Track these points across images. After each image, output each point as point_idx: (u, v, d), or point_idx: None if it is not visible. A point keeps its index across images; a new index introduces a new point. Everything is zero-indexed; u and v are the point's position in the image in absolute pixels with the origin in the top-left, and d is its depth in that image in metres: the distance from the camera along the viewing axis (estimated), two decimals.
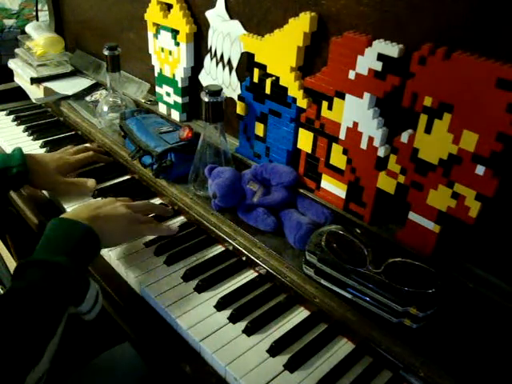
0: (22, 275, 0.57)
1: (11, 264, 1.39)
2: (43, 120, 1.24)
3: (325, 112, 0.72)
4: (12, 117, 1.23)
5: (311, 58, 0.74)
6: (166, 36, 0.99)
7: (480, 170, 0.56)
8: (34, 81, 1.27)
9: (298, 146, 0.79)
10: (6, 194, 0.89)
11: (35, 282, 0.56)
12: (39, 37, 1.35)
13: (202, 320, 0.64)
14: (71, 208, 0.85)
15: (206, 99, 0.78)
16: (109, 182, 0.95)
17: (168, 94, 1.05)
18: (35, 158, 0.88)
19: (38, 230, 0.87)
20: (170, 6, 0.96)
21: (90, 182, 0.91)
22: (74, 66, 1.36)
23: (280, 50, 0.75)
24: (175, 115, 1.05)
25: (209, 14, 0.90)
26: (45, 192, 0.93)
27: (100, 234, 0.67)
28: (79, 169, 0.96)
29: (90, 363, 0.81)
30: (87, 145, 1.05)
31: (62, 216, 0.68)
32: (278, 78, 0.77)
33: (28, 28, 1.41)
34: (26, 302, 0.54)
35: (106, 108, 1.10)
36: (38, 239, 0.64)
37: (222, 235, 0.78)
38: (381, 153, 0.67)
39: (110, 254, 0.76)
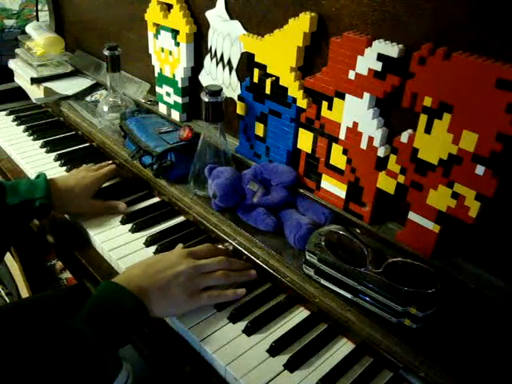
0: (50, 339, 0.54)
1: (12, 264, 1.39)
2: (43, 120, 1.24)
3: (325, 112, 0.72)
4: (12, 117, 1.23)
5: (311, 58, 0.74)
6: (166, 36, 0.99)
7: (480, 170, 0.56)
8: (34, 81, 1.27)
9: (298, 146, 0.79)
10: (28, 223, 0.85)
11: (60, 351, 0.53)
12: (39, 37, 1.35)
13: (202, 320, 0.65)
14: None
15: (206, 99, 0.78)
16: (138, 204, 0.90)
17: (168, 94, 1.05)
18: (59, 185, 0.83)
19: (39, 230, 0.87)
20: (170, 6, 0.96)
21: (121, 206, 0.86)
22: (74, 66, 1.36)
23: (280, 50, 0.75)
24: (175, 115, 1.05)
25: (209, 14, 0.90)
26: (66, 215, 0.87)
27: (150, 306, 0.61)
28: (103, 184, 0.91)
29: None
30: (105, 163, 0.98)
31: (114, 280, 0.62)
32: (277, 78, 0.77)
33: (28, 28, 1.41)
34: (44, 369, 0.51)
35: (106, 108, 1.10)
36: (39, 240, 0.63)
37: (222, 235, 0.78)
38: (381, 153, 0.67)
39: (111, 254, 0.76)
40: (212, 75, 0.95)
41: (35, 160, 1.04)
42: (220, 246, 0.78)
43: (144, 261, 0.68)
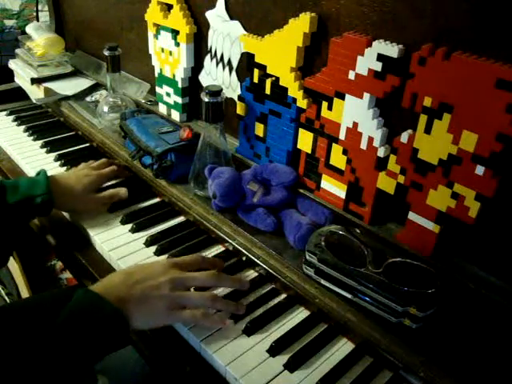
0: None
1: (12, 264, 1.40)
2: (43, 120, 1.24)
3: (325, 112, 0.72)
4: (12, 117, 1.23)
5: (311, 59, 0.74)
6: (166, 36, 0.99)
7: (480, 170, 0.56)
8: (34, 81, 1.27)
9: (298, 146, 0.79)
10: (30, 221, 0.85)
11: (29, 364, 0.50)
12: (39, 37, 1.35)
13: None
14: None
15: (206, 99, 0.78)
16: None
17: (168, 95, 1.05)
18: (60, 182, 0.83)
19: (39, 231, 0.87)
20: (170, 7, 0.96)
21: (122, 192, 0.87)
22: (75, 67, 1.37)
23: (280, 51, 0.75)
24: (175, 115, 1.05)
25: (209, 14, 0.90)
26: (66, 214, 0.87)
27: (129, 318, 0.57)
28: (104, 184, 0.91)
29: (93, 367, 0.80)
30: (105, 160, 0.97)
31: (91, 288, 0.58)
32: (277, 79, 0.77)
33: (28, 28, 1.41)
34: None
35: (106, 108, 1.10)
36: (39, 240, 0.62)
37: (222, 235, 0.78)
38: (381, 153, 0.67)
39: (111, 254, 0.76)
40: (212, 75, 0.95)
41: (35, 160, 1.04)
42: (218, 250, 0.78)
43: (125, 270, 0.65)
